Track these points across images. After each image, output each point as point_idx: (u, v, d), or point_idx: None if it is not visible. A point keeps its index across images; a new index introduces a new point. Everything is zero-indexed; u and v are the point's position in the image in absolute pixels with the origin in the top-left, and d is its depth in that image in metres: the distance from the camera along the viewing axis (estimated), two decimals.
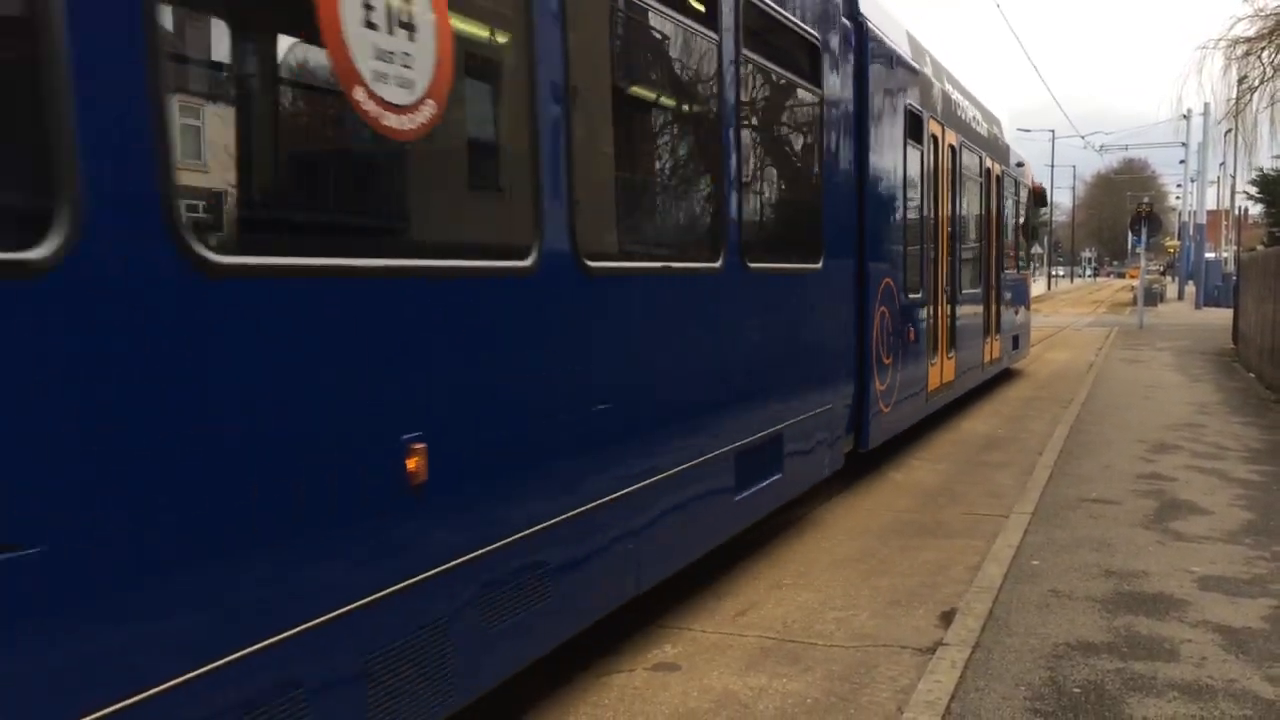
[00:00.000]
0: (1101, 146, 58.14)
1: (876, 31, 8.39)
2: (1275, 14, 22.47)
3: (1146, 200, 33.49)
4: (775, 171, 6.96)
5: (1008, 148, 15.20)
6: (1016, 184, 15.83)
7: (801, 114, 7.17)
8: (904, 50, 9.40)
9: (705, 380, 5.21)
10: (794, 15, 6.51)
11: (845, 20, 7.68)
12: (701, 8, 5.29)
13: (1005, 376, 15.63)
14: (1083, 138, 54.80)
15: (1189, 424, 11.33)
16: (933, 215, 10.34)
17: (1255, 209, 38.59)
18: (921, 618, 5.29)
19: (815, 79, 7.05)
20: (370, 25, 2.94)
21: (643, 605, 4.99)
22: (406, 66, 3.11)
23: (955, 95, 11.57)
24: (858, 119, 8.03)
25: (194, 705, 2.43)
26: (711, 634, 5.09)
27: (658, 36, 5.15)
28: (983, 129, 13.23)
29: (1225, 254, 51.56)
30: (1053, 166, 63.67)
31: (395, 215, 3.51)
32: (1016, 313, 15.74)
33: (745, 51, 5.64)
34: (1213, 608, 5.31)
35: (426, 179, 3.58)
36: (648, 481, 4.57)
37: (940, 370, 10.53)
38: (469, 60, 3.65)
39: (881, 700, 4.31)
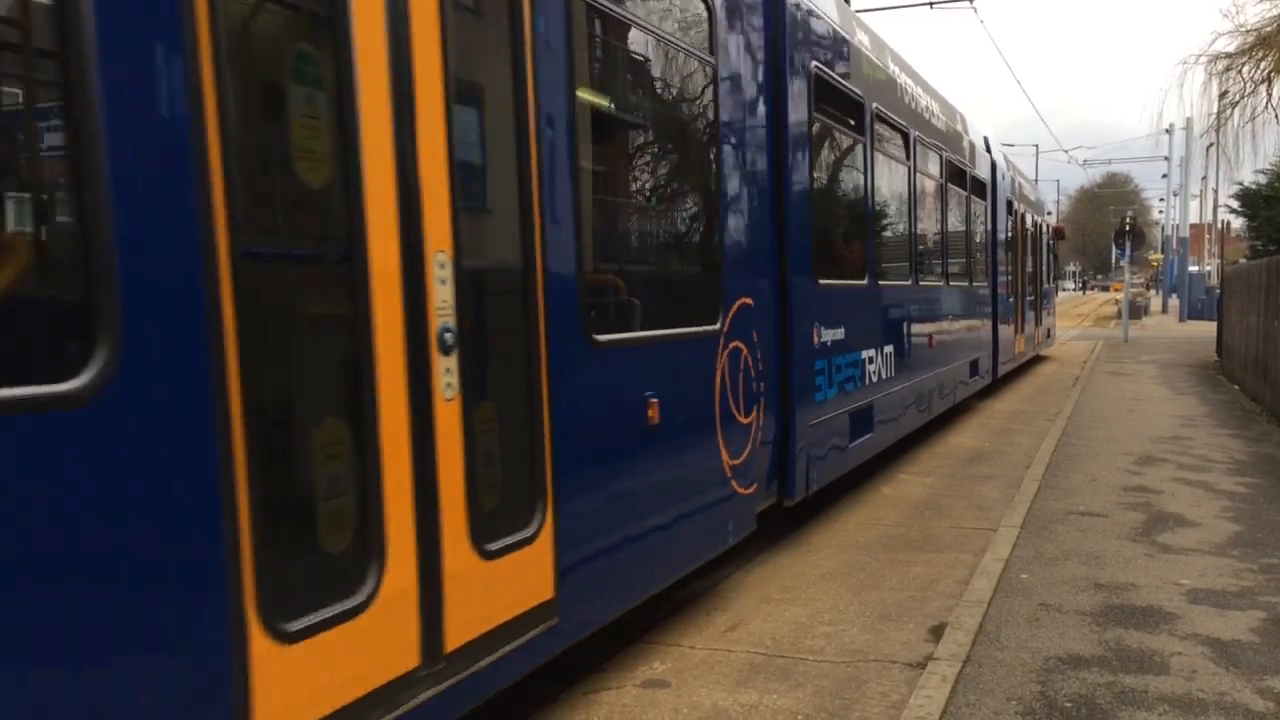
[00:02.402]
0: (1085, 161, 58.53)
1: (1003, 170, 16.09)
2: (1256, 30, 22.68)
3: (1130, 214, 33.67)
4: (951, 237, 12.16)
5: (1040, 201, 22.56)
6: (1047, 229, 22.85)
7: (975, 213, 13.79)
8: (1007, 171, 16.42)
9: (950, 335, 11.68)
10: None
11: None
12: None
13: (1008, 380, 15.75)
14: (1066, 152, 55.20)
15: (1175, 437, 11.37)
16: (1031, 264, 19.42)
17: (1238, 223, 38.88)
18: (911, 632, 5.26)
19: (976, 189, 13.51)
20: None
21: (631, 621, 4.96)
22: None
23: (1027, 189, 19.14)
24: (993, 225, 15.17)
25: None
26: (701, 650, 5.06)
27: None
28: (1032, 196, 20.10)
29: (1208, 267, 51.92)
30: (1036, 180, 63.95)
31: None
32: (1049, 312, 23.53)
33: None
34: (1202, 620, 5.31)
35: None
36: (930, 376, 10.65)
37: (1035, 331, 19.48)
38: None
39: (873, 716, 4.28)
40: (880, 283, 8.79)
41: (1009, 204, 16.18)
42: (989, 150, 14.74)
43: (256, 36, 3.06)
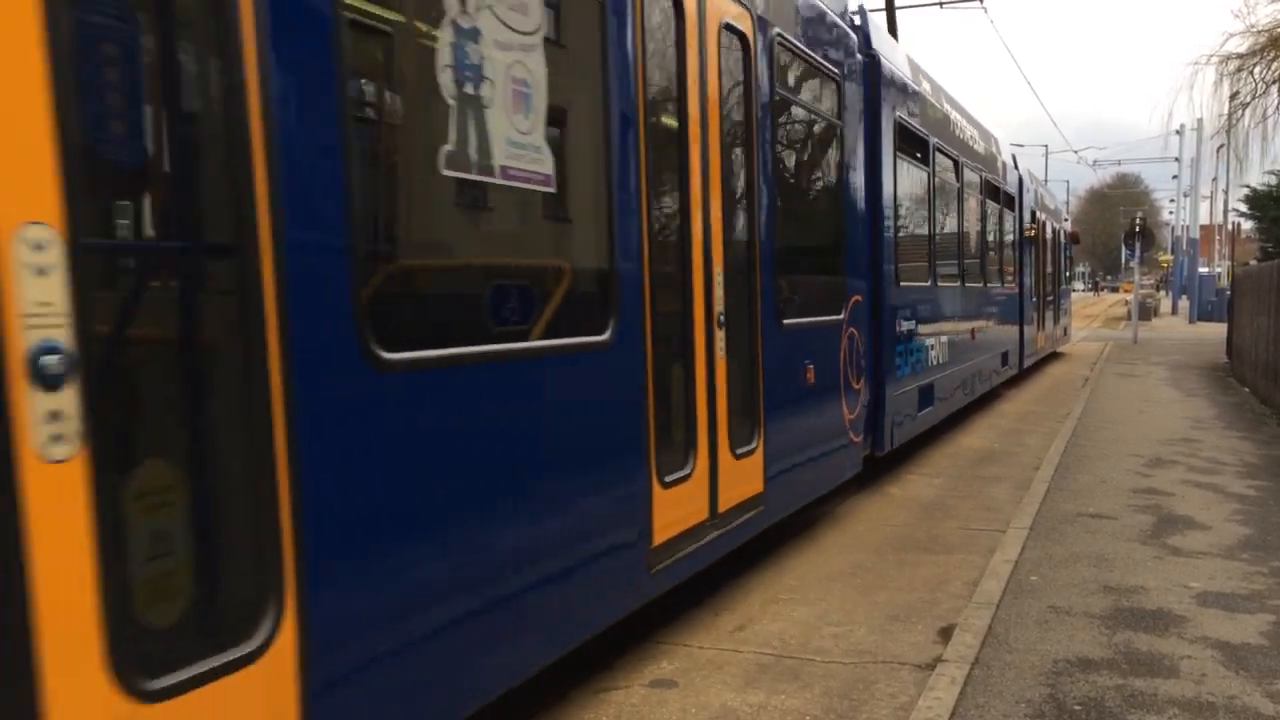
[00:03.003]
0: (1095, 161, 58.39)
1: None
2: (1267, 30, 22.58)
3: (1140, 215, 33.58)
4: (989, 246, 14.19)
5: (1058, 209, 24.57)
6: (1064, 234, 24.49)
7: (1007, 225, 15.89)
8: (1030, 184, 18.37)
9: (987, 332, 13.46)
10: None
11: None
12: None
13: (1011, 382, 15.71)
14: (1076, 153, 54.99)
15: (1185, 439, 11.33)
16: (1051, 268, 21.10)
17: (1248, 224, 38.72)
18: (920, 633, 5.26)
19: (1006, 201, 15.25)
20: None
21: (640, 620, 4.96)
22: None
23: (1048, 199, 21.19)
24: (1020, 231, 17.22)
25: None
26: (709, 650, 5.06)
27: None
28: (1051, 205, 22.30)
29: (1218, 269, 51.74)
30: (1046, 180, 63.81)
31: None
32: (1066, 310, 25.81)
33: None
34: (1212, 623, 5.30)
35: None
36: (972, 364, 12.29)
37: (1054, 329, 21.52)
38: None
39: (881, 717, 4.28)
40: (939, 285, 10.93)
41: (1033, 213, 18.09)
42: (1016, 167, 16.71)
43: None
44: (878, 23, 9.38)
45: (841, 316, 7.36)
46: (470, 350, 3.42)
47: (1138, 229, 28.85)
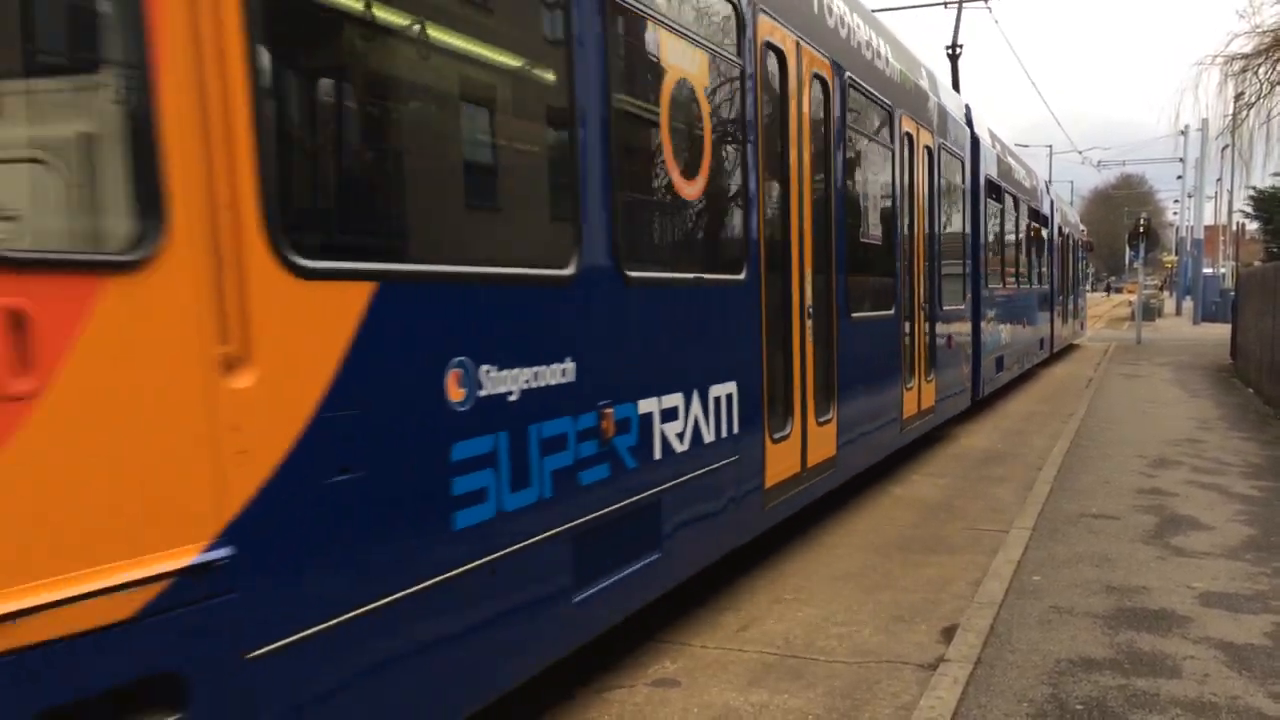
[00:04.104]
0: (1099, 162, 58.29)
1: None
2: (1272, 31, 22.55)
3: (1145, 216, 33.54)
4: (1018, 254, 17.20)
5: (1077, 222, 29.50)
6: (1078, 243, 28.58)
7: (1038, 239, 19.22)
8: (1058, 204, 23.06)
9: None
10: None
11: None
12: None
13: (992, 401, 15.69)
14: (1080, 153, 54.89)
15: (1189, 439, 11.33)
16: (1071, 272, 25.59)
17: (1253, 225, 38.65)
18: (923, 633, 5.27)
19: (1041, 220, 19.07)
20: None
21: (643, 620, 4.98)
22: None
23: (1070, 214, 25.75)
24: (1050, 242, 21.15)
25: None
26: (712, 649, 5.07)
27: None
28: (1073, 217, 27.41)
29: (1223, 269, 51.64)
30: (1050, 182, 63.76)
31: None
32: (1082, 307, 30.26)
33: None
34: (1215, 624, 5.30)
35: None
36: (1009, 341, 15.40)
37: (1073, 323, 26.18)
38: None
39: (883, 717, 4.30)
40: (1005, 287, 14.93)
41: (1059, 228, 22.57)
42: (1048, 192, 21.39)
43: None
44: (976, 112, 13.29)
45: (964, 307, 11.97)
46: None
47: (1142, 229, 28.83)
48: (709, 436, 5.12)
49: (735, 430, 5.41)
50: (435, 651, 3.25)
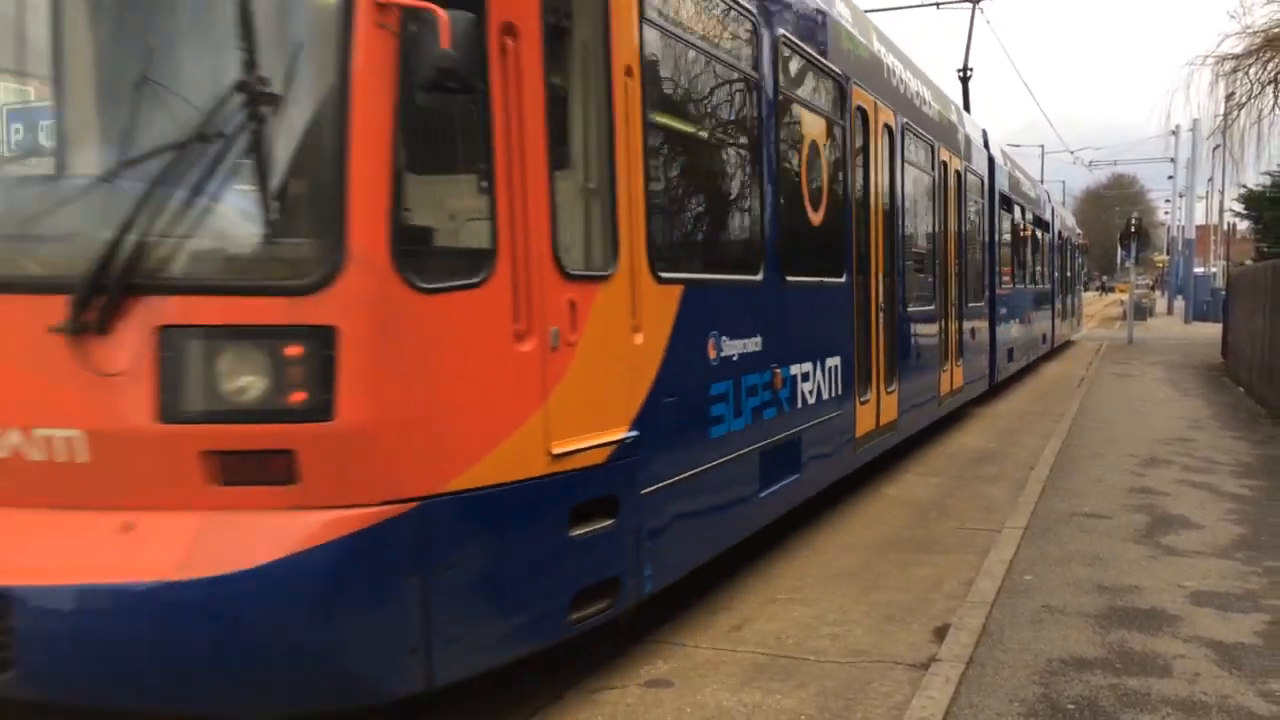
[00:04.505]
0: (1091, 162, 58.36)
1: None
2: (1263, 31, 22.60)
3: (1136, 215, 33.64)
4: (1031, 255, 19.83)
5: (1075, 227, 31.42)
6: (1076, 245, 30.42)
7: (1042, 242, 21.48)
8: (1059, 210, 25.66)
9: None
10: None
11: None
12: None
13: (1003, 387, 15.78)
14: (1072, 153, 54.96)
15: (1180, 438, 11.37)
16: (1070, 272, 27.45)
17: (1244, 224, 38.76)
18: (915, 633, 5.28)
19: (1044, 226, 21.09)
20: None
21: (636, 620, 4.98)
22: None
23: (1068, 219, 28.01)
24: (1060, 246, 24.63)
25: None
26: (705, 649, 5.07)
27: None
28: (1070, 221, 29.70)
29: (1214, 269, 51.78)
30: (1043, 180, 63.83)
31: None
32: (1079, 306, 32.63)
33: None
34: (1205, 623, 5.32)
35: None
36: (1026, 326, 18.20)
37: (1071, 320, 28.11)
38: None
39: (876, 717, 4.30)
40: (1014, 287, 16.87)
41: (1059, 232, 24.35)
42: (1049, 200, 23.40)
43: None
44: (992, 135, 15.20)
45: (983, 304, 13.85)
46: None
47: (1133, 229, 28.92)
48: (825, 395, 7.08)
49: (839, 392, 7.37)
50: (715, 500, 5.46)
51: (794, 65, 6.70)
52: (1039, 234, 20.06)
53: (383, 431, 3.44)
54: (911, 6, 22.74)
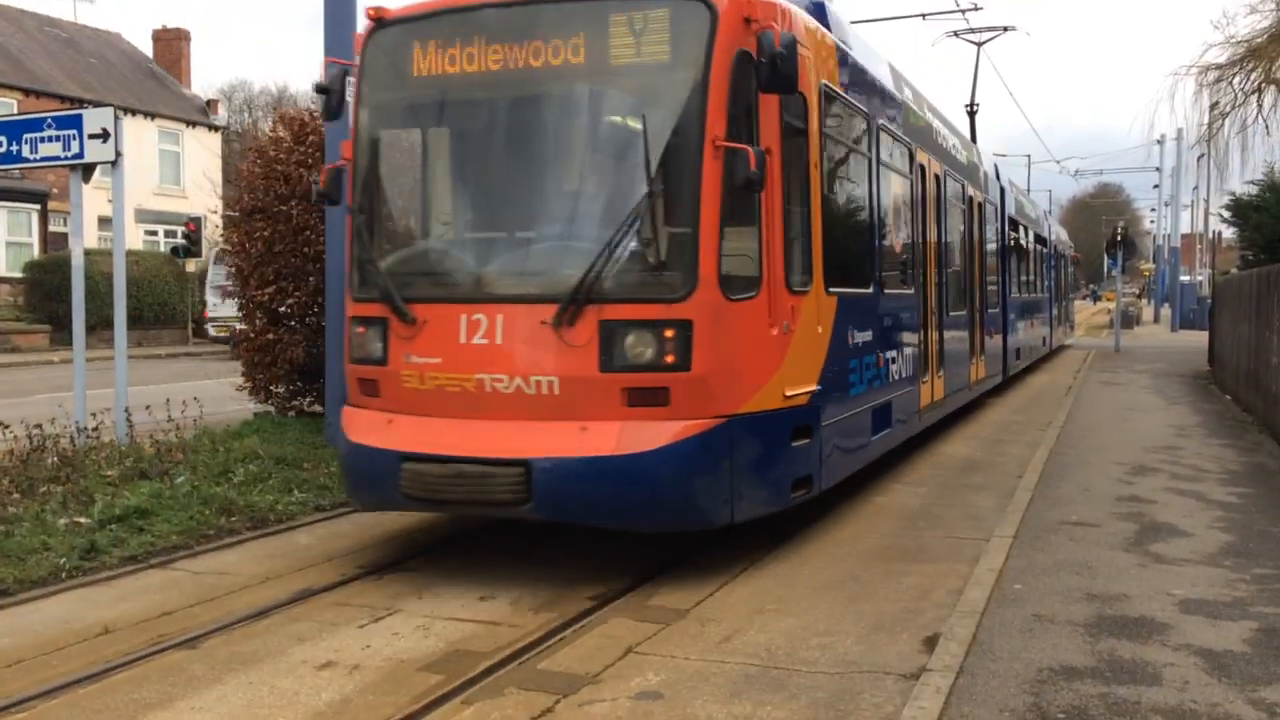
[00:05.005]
0: (1077, 171, 58.62)
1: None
2: (1246, 41, 22.78)
3: (1122, 224, 33.80)
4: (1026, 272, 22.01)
5: (1069, 241, 34.56)
6: (1069, 258, 33.74)
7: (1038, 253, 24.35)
8: (1055, 227, 29.50)
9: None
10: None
11: None
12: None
13: (991, 394, 15.79)
14: (1058, 163, 55.27)
15: (1167, 446, 11.40)
16: (1063, 282, 30.77)
17: (1229, 233, 38.95)
18: (905, 643, 5.27)
19: (1042, 241, 24.10)
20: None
21: (625, 629, 4.96)
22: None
23: (1063, 234, 31.80)
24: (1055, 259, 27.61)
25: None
26: (695, 661, 5.05)
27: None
28: (1065, 236, 32.88)
29: (1200, 277, 52.07)
30: (1029, 190, 64.00)
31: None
32: (1072, 312, 36.61)
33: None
34: (1195, 631, 5.33)
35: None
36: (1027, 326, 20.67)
37: (1065, 325, 31.15)
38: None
39: None
40: (1021, 295, 19.29)
41: (1056, 247, 27.12)
42: (1047, 218, 26.59)
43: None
44: (1001, 168, 18.10)
45: (999, 310, 16.12)
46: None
47: (1119, 238, 29.06)
48: (903, 375, 9.55)
49: (910, 373, 9.85)
50: (851, 438, 7.97)
51: (885, 142, 9.34)
52: (1039, 249, 22.96)
53: (713, 378, 6.06)
54: (899, 17, 22.95)
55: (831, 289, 7.34)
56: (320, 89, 7.21)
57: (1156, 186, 60.12)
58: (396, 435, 6.35)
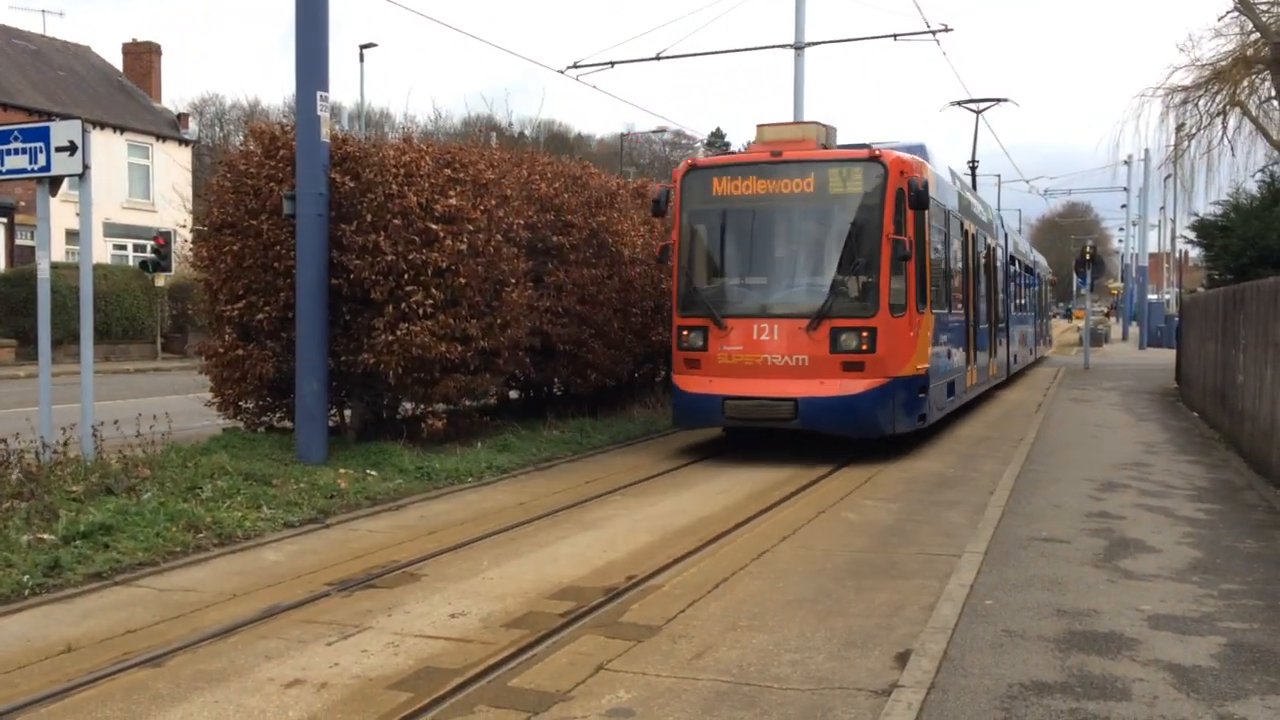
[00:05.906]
0: (1046, 191, 59.28)
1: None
2: (1211, 64, 23.16)
3: (1091, 243, 34.16)
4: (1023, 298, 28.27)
5: (1048, 268, 39.38)
6: (1047, 281, 38.93)
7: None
8: (1038, 258, 35.67)
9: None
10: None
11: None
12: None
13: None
14: (1028, 182, 55.83)
15: (1136, 463, 11.50)
16: (1043, 303, 36.84)
17: (1195, 252, 39.45)
18: (877, 659, 5.27)
19: (1030, 270, 30.49)
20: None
21: (596, 645, 4.92)
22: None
23: (1043, 261, 37.18)
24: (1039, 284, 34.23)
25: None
26: (667, 678, 5.03)
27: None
28: (1044, 262, 37.56)
29: (1167, 296, 52.66)
30: (999, 209, 64.47)
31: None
32: (1050, 328, 42.11)
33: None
34: (1163, 646, 5.35)
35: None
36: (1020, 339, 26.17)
37: (1045, 339, 37.02)
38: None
39: None
40: (1016, 313, 23.84)
41: (1039, 274, 32.25)
42: (1032, 251, 32.57)
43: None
44: (1006, 217, 26.08)
45: (1004, 326, 20.82)
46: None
47: (1088, 257, 29.35)
48: (957, 364, 14.77)
49: (962, 364, 15.23)
50: (940, 398, 13.63)
51: (951, 221, 14.72)
52: (1028, 277, 28.41)
53: (887, 358, 11.55)
54: (870, 38, 23.19)
55: (933, 310, 12.77)
56: (655, 200, 12.97)
57: (1124, 206, 60.89)
58: (719, 387, 11.77)
